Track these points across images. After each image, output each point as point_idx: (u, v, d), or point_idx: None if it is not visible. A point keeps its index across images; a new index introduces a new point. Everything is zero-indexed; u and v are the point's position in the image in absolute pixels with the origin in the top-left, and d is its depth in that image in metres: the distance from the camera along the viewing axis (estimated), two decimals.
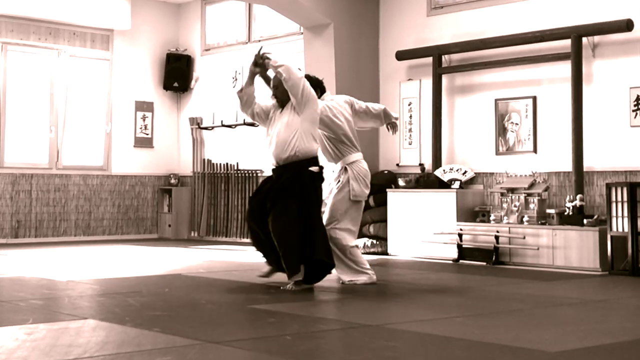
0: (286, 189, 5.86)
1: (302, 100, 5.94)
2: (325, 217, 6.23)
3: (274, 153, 5.98)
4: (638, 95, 7.62)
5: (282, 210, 5.81)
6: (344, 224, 6.21)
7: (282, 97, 6.07)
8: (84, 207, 11.23)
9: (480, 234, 8.12)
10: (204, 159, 11.67)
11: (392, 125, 6.71)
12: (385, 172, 9.49)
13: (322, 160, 6.24)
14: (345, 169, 6.28)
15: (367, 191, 6.35)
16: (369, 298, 5.60)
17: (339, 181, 6.28)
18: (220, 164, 11.38)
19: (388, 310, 5.23)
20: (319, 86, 6.43)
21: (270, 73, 6.20)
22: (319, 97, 6.35)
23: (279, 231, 5.82)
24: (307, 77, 6.38)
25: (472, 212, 8.48)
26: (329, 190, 6.33)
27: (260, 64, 6.12)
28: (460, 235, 8.24)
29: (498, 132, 8.67)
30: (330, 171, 6.41)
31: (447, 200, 8.47)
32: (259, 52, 6.14)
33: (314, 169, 5.96)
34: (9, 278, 6.62)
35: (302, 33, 9.93)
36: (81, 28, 11.27)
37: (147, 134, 11.89)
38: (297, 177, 5.88)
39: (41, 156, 10.96)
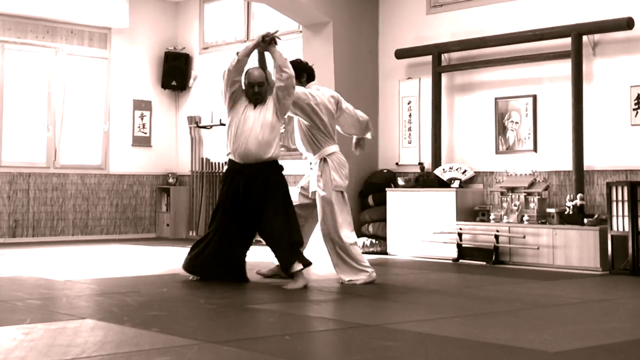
0: (272, 188, 6.03)
1: (287, 108, 6.13)
2: (320, 216, 6.24)
3: (252, 150, 5.98)
4: (639, 94, 7.60)
5: (276, 209, 5.99)
6: (340, 218, 6.21)
7: (264, 94, 6.10)
8: (82, 206, 11.19)
9: (480, 233, 8.10)
10: (202, 158, 11.63)
11: (362, 145, 6.78)
12: (385, 171, 9.46)
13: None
14: (325, 159, 6.28)
15: (347, 182, 6.37)
16: (369, 298, 5.58)
17: (320, 173, 6.26)
18: (218, 163, 11.35)
19: (388, 310, 5.21)
20: (306, 71, 6.41)
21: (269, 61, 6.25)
22: (306, 84, 6.35)
23: (276, 229, 5.98)
24: (299, 61, 6.42)
25: (472, 212, 8.45)
26: (309, 182, 6.34)
27: (266, 42, 6.11)
28: (460, 235, 8.22)
29: (498, 131, 8.64)
30: (308, 163, 6.45)
31: (446, 199, 8.45)
32: (272, 33, 6.15)
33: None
34: (6, 278, 6.59)
35: (301, 31, 9.90)
36: (79, 26, 11.23)
37: (145, 133, 11.86)
38: (276, 176, 6.11)
39: (39, 155, 10.92)
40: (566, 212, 7.63)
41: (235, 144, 6.03)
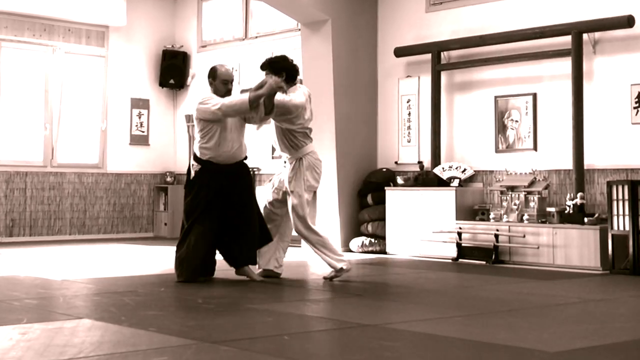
0: (247, 187, 6.35)
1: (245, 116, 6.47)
2: (292, 214, 6.29)
3: (236, 152, 6.23)
4: (639, 92, 7.57)
5: (253, 204, 6.30)
6: (311, 217, 6.30)
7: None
8: (79, 205, 11.16)
9: (480, 232, 8.07)
10: None
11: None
12: (384, 170, 9.43)
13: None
14: (300, 159, 6.31)
15: (319, 183, 6.42)
16: (368, 298, 5.56)
17: (294, 173, 6.29)
18: None
19: (387, 310, 5.19)
20: (285, 70, 6.31)
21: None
22: (288, 86, 6.30)
23: (255, 223, 6.23)
24: (283, 59, 6.45)
25: (472, 211, 8.42)
26: (285, 180, 6.37)
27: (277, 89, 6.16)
28: (459, 234, 8.19)
29: (498, 129, 8.61)
30: (282, 161, 6.52)
31: (446, 198, 8.42)
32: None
33: None
34: (3, 277, 6.57)
35: (299, 29, 9.87)
36: (76, 24, 11.20)
37: (143, 132, 11.83)
38: (249, 175, 6.49)
39: (36, 154, 10.89)
40: (566, 211, 7.60)
41: (220, 149, 6.16)
